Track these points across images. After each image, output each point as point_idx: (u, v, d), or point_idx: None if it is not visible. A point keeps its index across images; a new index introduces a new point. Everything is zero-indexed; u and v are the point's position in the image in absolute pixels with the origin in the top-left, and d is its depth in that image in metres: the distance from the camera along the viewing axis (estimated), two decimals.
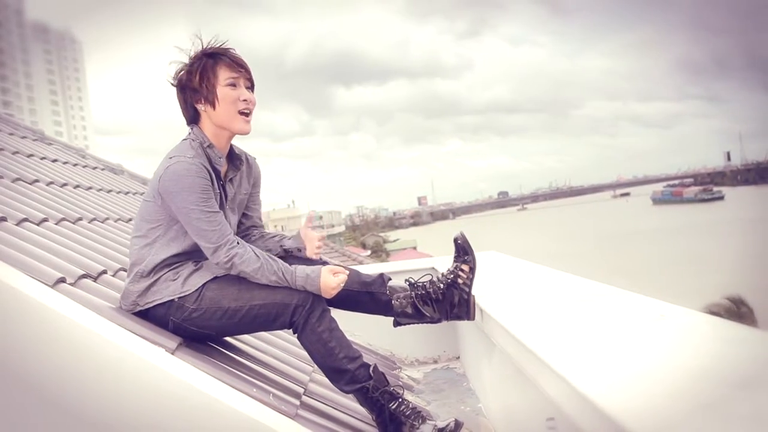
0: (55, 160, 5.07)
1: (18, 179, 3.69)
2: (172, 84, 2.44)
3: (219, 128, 2.40)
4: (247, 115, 2.41)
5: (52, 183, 4.12)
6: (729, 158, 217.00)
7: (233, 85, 2.37)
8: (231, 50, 2.41)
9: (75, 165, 5.44)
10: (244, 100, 2.38)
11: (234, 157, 2.55)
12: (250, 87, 2.44)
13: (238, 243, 2.31)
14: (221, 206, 2.45)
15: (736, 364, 1.54)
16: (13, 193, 3.32)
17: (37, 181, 3.91)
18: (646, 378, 1.47)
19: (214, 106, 2.37)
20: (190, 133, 2.42)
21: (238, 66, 2.38)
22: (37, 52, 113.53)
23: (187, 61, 2.41)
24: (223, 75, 2.36)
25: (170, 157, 2.32)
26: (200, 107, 2.39)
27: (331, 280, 2.35)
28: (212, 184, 2.33)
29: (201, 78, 2.36)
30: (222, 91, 2.35)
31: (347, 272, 2.47)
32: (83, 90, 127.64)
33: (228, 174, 2.53)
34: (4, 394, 1.99)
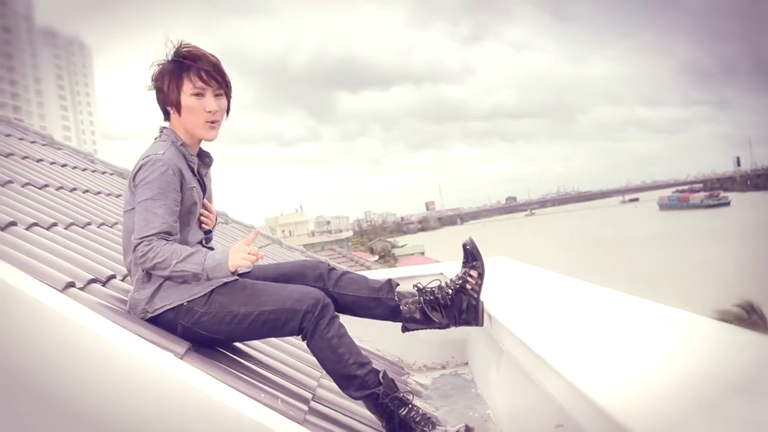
0: (64, 165, 5.09)
1: (28, 184, 3.70)
2: (149, 88, 2.45)
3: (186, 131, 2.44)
4: (213, 122, 2.42)
5: (61, 187, 4.13)
6: (738, 163, 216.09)
7: (200, 95, 2.37)
8: (202, 57, 2.38)
9: (84, 170, 5.46)
10: (209, 112, 2.38)
11: (203, 155, 2.58)
12: (222, 93, 2.43)
13: (166, 241, 2.26)
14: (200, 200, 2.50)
15: (747, 370, 1.53)
16: (23, 198, 3.33)
17: (46, 185, 3.93)
18: (657, 384, 1.46)
19: (179, 113, 2.39)
20: (161, 134, 2.45)
21: (207, 76, 2.36)
22: (46, 57, 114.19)
23: (164, 59, 2.42)
24: (189, 85, 2.36)
25: (143, 158, 2.35)
26: (169, 109, 2.42)
27: (238, 256, 2.24)
28: (183, 180, 2.35)
29: (168, 84, 2.37)
30: (187, 100, 2.37)
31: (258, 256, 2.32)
32: (92, 95, 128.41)
33: (200, 170, 2.56)
34: (14, 398, 1.99)
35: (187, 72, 2.35)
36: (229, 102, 2.48)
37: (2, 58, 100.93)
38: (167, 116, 2.46)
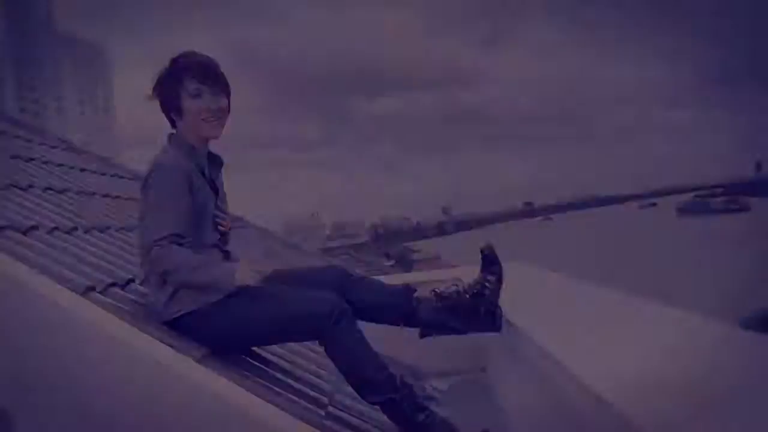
0: (83, 170, 5.13)
1: (48, 188, 3.74)
2: (150, 97, 2.49)
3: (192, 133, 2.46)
4: (216, 120, 2.44)
5: (81, 192, 4.17)
6: (759, 168, 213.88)
7: (198, 96, 2.39)
8: (196, 60, 2.42)
9: (103, 174, 5.49)
10: (208, 110, 2.41)
11: (212, 157, 2.60)
12: (220, 91, 2.45)
13: (178, 245, 2.26)
14: (214, 203, 2.51)
15: None
16: (43, 202, 3.36)
17: (66, 189, 3.96)
18: (679, 393, 1.45)
19: (181, 116, 2.42)
20: (169, 140, 2.49)
21: (202, 76, 2.39)
22: (65, 62, 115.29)
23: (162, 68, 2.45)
24: (187, 87, 2.38)
25: (151, 164, 2.39)
26: (173, 116, 2.46)
27: (247, 274, 2.28)
28: (191, 182, 2.36)
29: (167, 90, 2.41)
30: (186, 102, 2.40)
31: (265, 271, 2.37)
32: (110, 100, 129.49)
33: (211, 173, 2.57)
34: (32, 399, 2.01)
35: (183, 76, 2.39)
36: (228, 100, 2.50)
37: (23, 63, 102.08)
38: (173, 123, 2.50)
